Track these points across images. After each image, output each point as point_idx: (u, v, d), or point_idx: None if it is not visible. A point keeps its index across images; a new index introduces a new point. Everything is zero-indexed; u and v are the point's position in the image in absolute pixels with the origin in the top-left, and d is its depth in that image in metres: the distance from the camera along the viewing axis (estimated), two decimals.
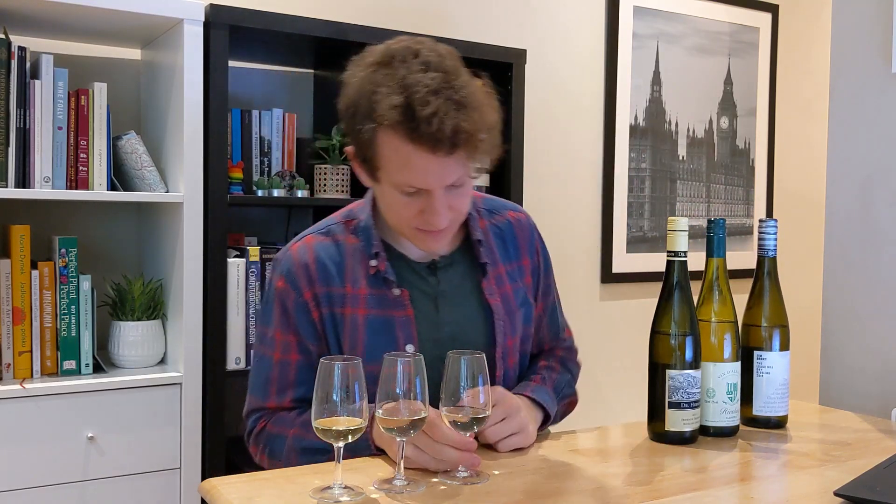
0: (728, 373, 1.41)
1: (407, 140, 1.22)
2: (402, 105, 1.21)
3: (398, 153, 1.25)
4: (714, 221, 1.44)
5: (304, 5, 2.57)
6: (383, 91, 1.23)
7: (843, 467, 1.26)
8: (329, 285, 1.39)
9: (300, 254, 1.41)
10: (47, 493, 1.92)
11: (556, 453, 1.32)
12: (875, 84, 1.88)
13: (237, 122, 2.38)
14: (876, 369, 1.86)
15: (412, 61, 1.25)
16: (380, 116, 1.23)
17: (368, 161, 1.30)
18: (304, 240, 1.44)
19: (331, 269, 1.39)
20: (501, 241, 1.50)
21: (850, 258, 1.93)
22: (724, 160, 3.60)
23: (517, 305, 1.48)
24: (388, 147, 1.25)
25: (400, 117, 1.21)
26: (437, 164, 1.24)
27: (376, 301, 1.38)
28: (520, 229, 1.54)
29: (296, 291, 1.39)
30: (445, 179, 1.27)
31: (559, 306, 1.62)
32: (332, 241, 1.42)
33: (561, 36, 3.15)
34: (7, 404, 1.88)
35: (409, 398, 1.12)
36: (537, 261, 1.55)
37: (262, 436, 1.40)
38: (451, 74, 1.25)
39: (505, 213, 1.54)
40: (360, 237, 1.42)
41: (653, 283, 3.28)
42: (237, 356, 2.21)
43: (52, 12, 2.01)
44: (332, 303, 1.39)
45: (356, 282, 1.39)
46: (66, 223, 2.30)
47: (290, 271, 1.40)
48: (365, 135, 1.26)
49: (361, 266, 1.40)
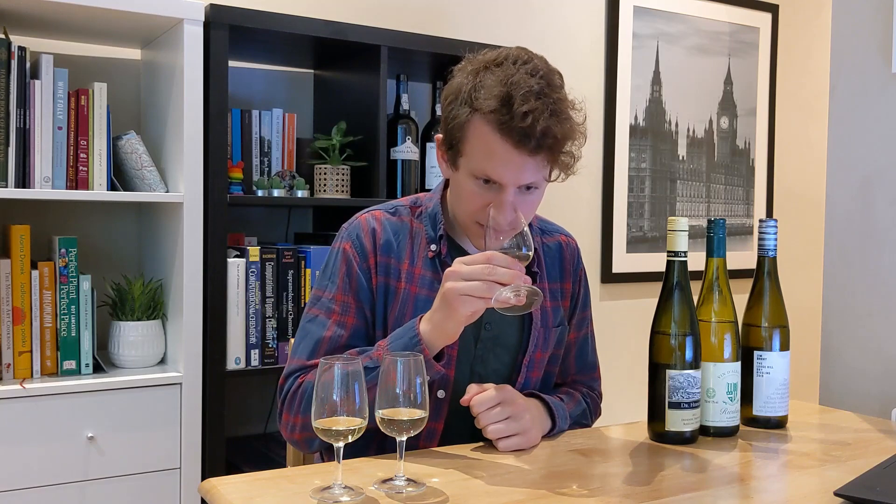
0: (728, 373, 1.41)
1: (497, 130, 1.29)
2: (502, 96, 1.28)
3: (485, 141, 1.31)
4: (714, 221, 1.44)
5: (304, 5, 2.57)
6: (489, 83, 1.30)
7: (843, 467, 1.26)
8: (390, 256, 1.44)
9: (369, 223, 1.46)
10: (47, 493, 1.92)
11: (556, 453, 1.32)
12: (875, 84, 1.88)
13: (237, 122, 2.38)
14: (876, 369, 1.86)
15: (522, 66, 1.32)
16: (478, 103, 1.30)
17: (454, 147, 1.36)
18: (373, 213, 1.49)
19: (394, 243, 1.45)
20: (550, 261, 1.55)
21: (850, 258, 1.93)
22: (724, 160, 3.60)
23: (553, 324, 1.51)
24: (477, 134, 1.31)
25: (497, 106, 1.28)
26: (519, 161, 1.30)
27: (430, 283, 1.42)
28: (569, 253, 1.58)
29: (361, 256, 1.44)
30: (521, 178, 1.32)
31: (591, 343, 1.63)
32: (398, 220, 1.48)
33: (561, 36, 3.15)
34: (7, 404, 1.88)
35: (409, 398, 1.12)
36: (578, 288, 1.58)
37: (298, 392, 1.37)
38: (554, 86, 1.33)
39: (557, 235, 1.60)
40: (425, 222, 1.47)
41: (653, 283, 3.28)
42: (237, 356, 2.21)
43: (52, 12, 2.01)
44: (390, 273, 1.44)
45: (414, 261, 1.44)
46: (66, 223, 2.30)
47: (358, 236, 1.45)
48: (459, 119, 1.33)
49: (421, 248, 1.45)
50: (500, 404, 1.32)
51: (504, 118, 1.27)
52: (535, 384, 1.49)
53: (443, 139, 1.39)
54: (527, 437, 1.34)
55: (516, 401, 1.35)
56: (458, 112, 1.33)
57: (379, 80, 2.34)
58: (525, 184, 1.33)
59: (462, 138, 1.34)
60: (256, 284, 2.24)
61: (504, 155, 1.29)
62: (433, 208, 1.47)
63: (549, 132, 1.28)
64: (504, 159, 1.30)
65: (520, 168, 1.31)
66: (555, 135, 1.29)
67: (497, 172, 1.31)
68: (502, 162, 1.30)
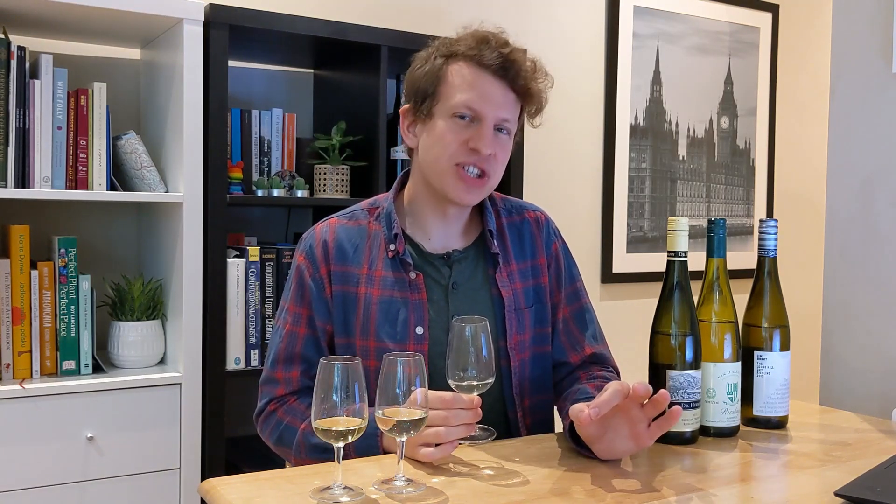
0: (728, 373, 1.41)
1: (477, 65, 1.41)
2: (480, 39, 1.42)
3: (464, 77, 1.41)
4: (714, 221, 1.44)
5: (304, 5, 2.57)
6: (464, 38, 1.44)
7: (843, 468, 1.26)
8: (345, 264, 1.47)
9: (322, 233, 1.50)
10: (47, 493, 1.92)
11: (556, 453, 1.32)
12: (875, 84, 1.88)
13: (237, 122, 2.38)
14: (876, 369, 1.85)
15: (496, 34, 1.46)
16: (456, 48, 1.43)
17: (429, 97, 1.44)
18: (328, 221, 1.52)
19: (348, 250, 1.48)
20: (518, 239, 1.55)
21: (850, 258, 1.93)
22: (724, 160, 3.60)
23: (525, 304, 1.51)
24: (456, 73, 1.42)
25: (475, 45, 1.41)
26: (499, 92, 1.41)
27: (391, 283, 1.45)
28: (537, 228, 1.58)
29: (313, 266, 1.47)
30: (500, 110, 1.42)
31: (593, 314, 1.61)
32: (354, 225, 1.51)
33: (561, 36, 3.15)
34: (7, 404, 1.88)
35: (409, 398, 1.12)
36: (554, 262, 1.57)
37: (271, 420, 1.45)
38: (523, 50, 1.47)
39: (524, 212, 1.60)
40: (382, 223, 1.49)
41: (653, 283, 3.28)
42: (237, 356, 2.21)
43: (52, 12, 2.01)
44: (347, 281, 1.46)
45: (373, 263, 1.46)
46: (65, 223, 2.30)
47: (311, 247, 1.49)
48: (433, 69, 1.43)
49: (380, 250, 1.47)
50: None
51: (483, 53, 1.40)
52: (526, 366, 1.49)
53: (411, 104, 1.47)
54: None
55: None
56: (431, 66, 1.44)
57: (379, 80, 2.34)
58: (502, 118, 1.42)
59: (438, 83, 1.43)
60: (256, 284, 2.24)
61: (484, 85, 1.40)
62: (387, 208, 1.50)
63: (524, 67, 1.42)
64: (485, 90, 1.40)
65: (499, 100, 1.41)
66: (528, 73, 1.42)
67: (478, 103, 1.40)
68: (484, 92, 1.40)
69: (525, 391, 1.49)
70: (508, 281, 1.50)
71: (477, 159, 1.41)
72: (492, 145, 1.40)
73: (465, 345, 1.26)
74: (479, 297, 1.48)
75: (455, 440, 1.23)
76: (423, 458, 1.22)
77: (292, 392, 1.45)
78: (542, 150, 3.09)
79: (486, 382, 1.27)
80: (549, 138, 3.12)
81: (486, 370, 1.27)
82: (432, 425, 1.21)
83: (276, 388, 1.45)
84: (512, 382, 1.47)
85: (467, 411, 1.23)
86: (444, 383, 1.29)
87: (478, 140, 1.40)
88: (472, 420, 1.23)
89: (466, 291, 1.48)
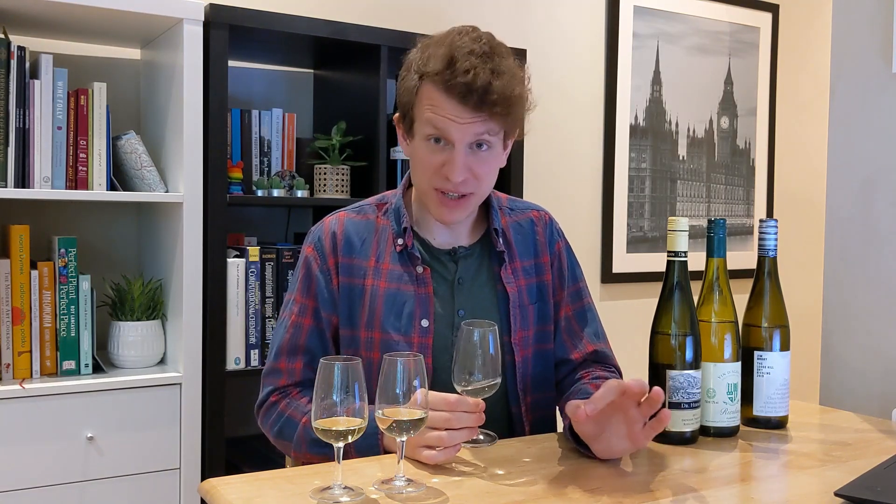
0: (728, 373, 1.41)
1: (442, 88, 1.35)
2: (446, 58, 1.35)
3: (432, 100, 1.37)
4: (714, 221, 1.44)
5: (304, 5, 2.57)
6: (435, 52, 1.38)
7: (843, 468, 1.26)
8: (353, 256, 1.48)
9: (331, 226, 1.51)
10: (47, 494, 1.92)
11: (556, 453, 1.32)
12: (875, 84, 1.88)
13: (237, 122, 2.38)
14: (876, 369, 1.85)
15: (467, 35, 1.40)
16: (426, 68, 1.38)
17: (408, 116, 1.43)
18: (337, 215, 1.54)
19: (356, 243, 1.49)
20: (522, 238, 1.56)
21: (850, 258, 1.93)
22: (724, 160, 3.60)
23: (529, 301, 1.52)
24: (425, 96, 1.38)
25: (441, 67, 1.35)
26: (464, 117, 1.36)
27: (398, 276, 1.46)
28: (541, 226, 1.60)
29: (321, 258, 1.48)
30: (467, 133, 1.37)
31: (595, 314, 1.61)
32: (362, 219, 1.52)
33: (561, 36, 3.15)
34: (7, 404, 1.88)
35: (410, 398, 1.12)
36: (557, 260, 1.58)
37: (272, 411, 1.45)
38: (496, 52, 1.39)
39: (529, 212, 1.61)
40: (390, 218, 1.51)
41: (653, 283, 3.28)
42: (237, 356, 2.21)
43: (52, 12, 2.01)
44: (354, 273, 1.47)
45: (381, 257, 1.48)
46: (65, 223, 2.30)
47: (319, 239, 1.50)
48: (409, 87, 1.41)
49: (388, 244, 1.49)
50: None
51: (447, 76, 1.34)
52: (529, 362, 1.50)
53: (399, 115, 1.46)
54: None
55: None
56: (408, 83, 1.41)
57: (379, 80, 2.34)
58: (473, 140, 1.38)
59: (412, 104, 1.41)
60: (256, 284, 2.24)
61: (450, 111, 1.36)
62: (396, 203, 1.52)
63: (490, 88, 1.33)
64: (451, 114, 1.36)
65: (466, 124, 1.36)
66: (496, 91, 1.34)
67: (444, 129, 1.37)
68: (448, 119, 1.36)
69: (528, 387, 1.50)
70: (513, 277, 1.51)
71: (453, 185, 1.40)
72: (463, 171, 1.38)
73: (473, 348, 1.26)
74: (484, 293, 1.50)
75: (457, 444, 1.23)
76: (424, 460, 1.22)
77: (295, 383, 1.46)
78: (542, 150, 3.09)
79: (494, 384, 1.28)
80: (549, 138, 3.12)
81: (493, 374, 1.27)
82: (435, 427, 1.21)
83: (279, 379, 1.46)
84: (515, 378, 1.48)
85: (470, 414, 1.23)
86: (447, 378, 1.30)
87: (450, 169, 1.38)
88: (475, 423, 1.24)
89: (472, 287, 1.49)
